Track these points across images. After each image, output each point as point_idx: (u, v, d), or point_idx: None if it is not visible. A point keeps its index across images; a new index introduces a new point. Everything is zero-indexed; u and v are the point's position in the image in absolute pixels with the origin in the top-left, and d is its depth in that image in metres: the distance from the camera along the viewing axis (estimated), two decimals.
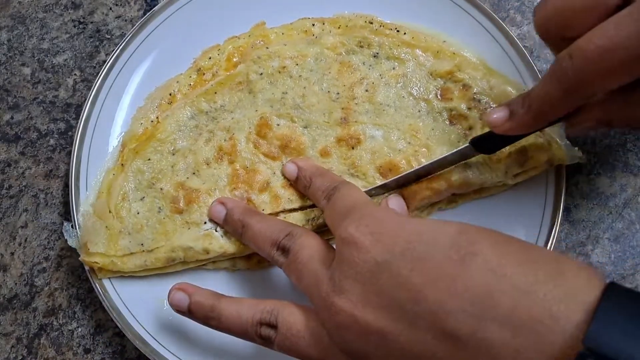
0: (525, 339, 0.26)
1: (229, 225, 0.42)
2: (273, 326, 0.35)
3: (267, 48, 0.48)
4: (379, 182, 0.44)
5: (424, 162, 0.43)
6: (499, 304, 0.27)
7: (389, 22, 0.48)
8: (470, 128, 0.45)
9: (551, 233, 0.43)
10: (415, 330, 0.29)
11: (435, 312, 0.28)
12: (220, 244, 0.43)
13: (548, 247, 0.42)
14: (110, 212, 0.44)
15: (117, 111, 0.48)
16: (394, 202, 0.42)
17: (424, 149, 0.44)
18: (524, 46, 0.47)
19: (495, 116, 0.38)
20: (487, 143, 0.41)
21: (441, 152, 0.44)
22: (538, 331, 0.26)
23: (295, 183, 0.44)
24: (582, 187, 0.47)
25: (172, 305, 0.39)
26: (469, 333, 0.27)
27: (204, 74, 0.48)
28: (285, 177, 0.44)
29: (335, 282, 0.32)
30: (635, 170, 0.47)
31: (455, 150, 0.42)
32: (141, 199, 0.45)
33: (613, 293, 0.26)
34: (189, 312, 0.38)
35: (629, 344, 0.24)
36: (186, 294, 0.38)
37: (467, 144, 0.41)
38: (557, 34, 0.35)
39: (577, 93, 0.33)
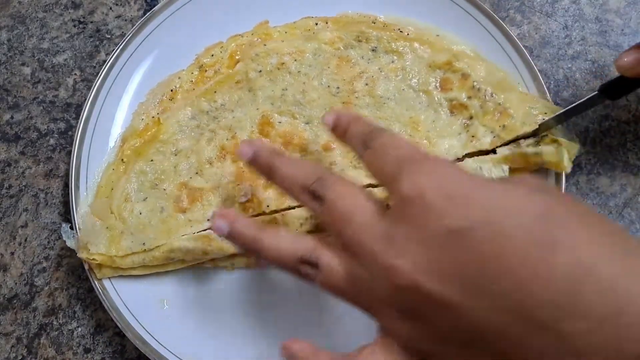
0: (608, 334, 0.25)
1: (255, 166, 0.39)
2: (314, 265, 0.33)
3: (264, 45, 0.48)
4: None
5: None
6: (584, 298, 0.25)
7: (391, 22, 0.48)
8: (470, 117, 0.45)
9: None
10: (487, 308, 0.27)
11: (514, 293, 0.26)
12: (220, 245, 0.43)
13: None
14: (112, 213, 0.44)
15: (117, 111, 0.47)
16: None
17: (425, 141, 0.45)
18: (524, 46, 0.47)
19: (626, 60, 0.38)
20: (615, 89, 0.40)
21: (442, 144, 0.44)
22: (623, 326, 0.24)
23: (333, 132, 0.40)
24: (582, 187, 0.47)
25: (214, 231, 0.36)
26: (551, 321, 0.25)
27: (205, 71, 0.48)
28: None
29: (395, 242, 0.29)
30: (635, 170, 0.47)
31: (585, 98, 0.41)
32: (144, 200, 0.45)
33: None
34: (230, 239, 0.36)
35: None
36: (227, 221, 0.36)
37: (596, 92, 0.41)
38: None
39: None
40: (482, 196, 0.28)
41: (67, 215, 0.48)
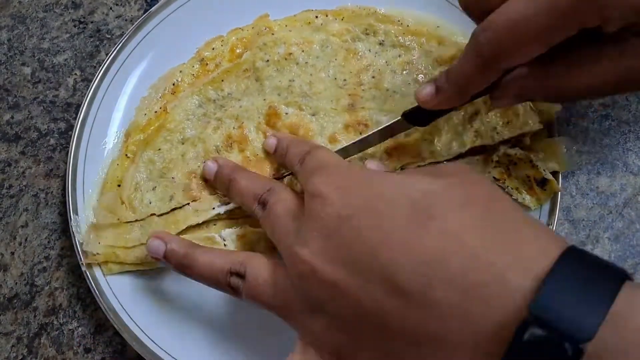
0: (472, 303, 0.26)
1: (218, 180, 0.44)
2: (242, 276, 0.36)
3: (272, 34, 0.48)
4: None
5: (434, 146, 0.44)
6: (450, 267, 0.27)
7: (391, 14, 0.48)
8: (476, 113, 0.45)
9: None
10: (366, 285, 0.29)
11: (387, 268, 0.28)
12: (221, 248, 0.43)
13: None
14: (122, 203, 0.44)
15: (115, 111, 0.47)
16: (372, 164, 0.42)
17: (429, 135, 0.45)
18: None
19: (423, 93, 0.38)
20: (419, 116, 0.40)
21: (446, 137, 0.44)
22: (486, 296, 0.26)
23: (274, 155, 0.44)
24: (582, 187, 0.47)
25: (149, 252, 0.39)
26: (419, 291, 0.27)
27: (207, 64, 0.48)
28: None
29: (301, 234, 0.33)
30: (635, 170, 0.47)
31: (387, 124, 0.42)
32: (153, 189, 0.45)
33: (567, 261, 0.25)
34: (165, 258, 0.39)
35: (576, 312, 0.23)
36: (163, 242, 0.39)
37: (399, 117, 0.41)
38: (477, 9, 0.35)
39: (492, 65, 0.34)
40: (369, 186, 0.32)
41: (67, 215, 0.48)
